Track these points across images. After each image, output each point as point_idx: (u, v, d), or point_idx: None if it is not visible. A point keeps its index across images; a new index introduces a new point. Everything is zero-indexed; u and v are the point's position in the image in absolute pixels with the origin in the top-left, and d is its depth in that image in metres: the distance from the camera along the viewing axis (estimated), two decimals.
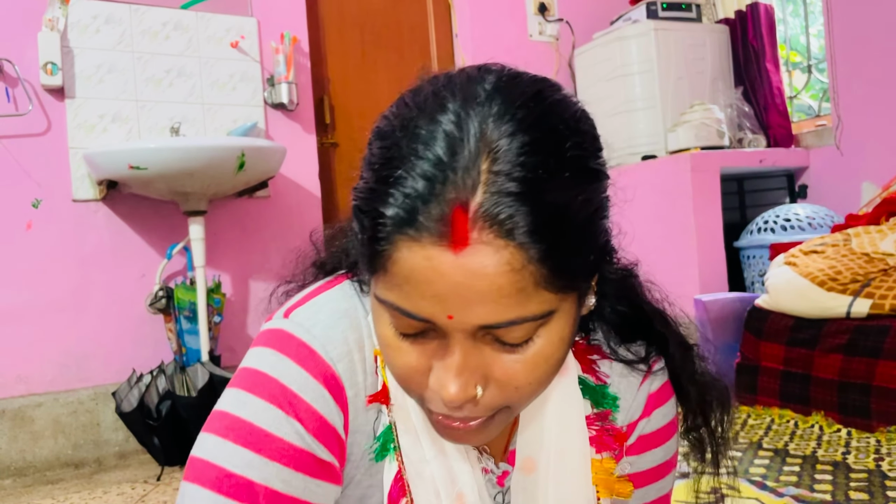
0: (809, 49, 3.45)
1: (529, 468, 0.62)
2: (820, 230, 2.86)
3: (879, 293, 2.13)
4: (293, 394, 0.55)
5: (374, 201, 0.47)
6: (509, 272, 0.45)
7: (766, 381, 2.41)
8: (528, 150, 0.45)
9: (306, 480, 0.55)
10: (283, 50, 2.77)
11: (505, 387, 0.51)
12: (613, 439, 0.65)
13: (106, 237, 2.51)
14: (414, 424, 0.60)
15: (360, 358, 0.58)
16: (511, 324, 0.47)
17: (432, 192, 0.45)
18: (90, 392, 2.43)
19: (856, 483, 1.71)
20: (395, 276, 0.47)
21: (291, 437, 0.55)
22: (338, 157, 3.14)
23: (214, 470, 0.54)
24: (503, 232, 0.44)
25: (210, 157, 2.21)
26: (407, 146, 0.47)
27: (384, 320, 0.52)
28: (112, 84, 2.53)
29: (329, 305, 0.60)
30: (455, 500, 0.60)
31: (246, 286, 2.74)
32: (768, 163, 3.12)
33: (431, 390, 0.51)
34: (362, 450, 0.60)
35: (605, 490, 0.64)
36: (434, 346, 0.50)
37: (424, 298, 0.47)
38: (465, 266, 0.45)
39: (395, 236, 0.46)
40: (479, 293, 0.46)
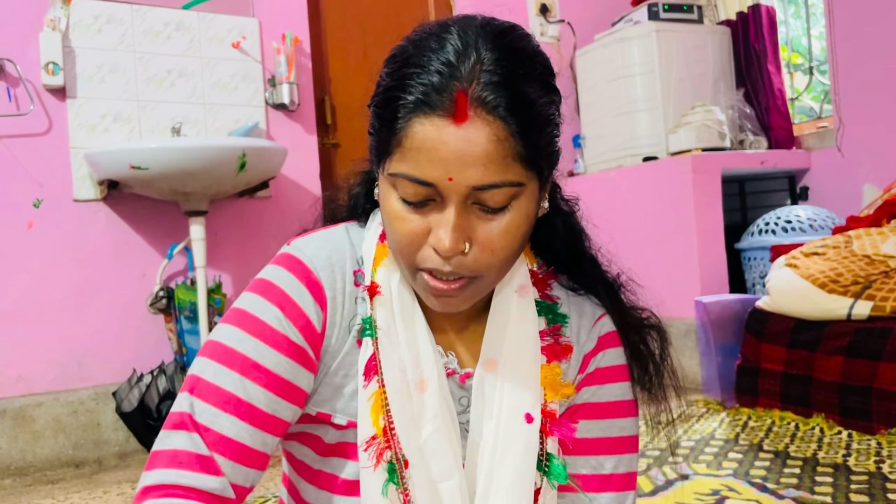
0: (811, 51, 3.45)
1: (490, 367, 0.74)
2: (821, 232, 2.86)
3: (881, 295, 2.13)
4: (279, 289, 0.71)
5: (394, 92, 0.63)
6: (495, 141, 0.61)
7: (767, 382, 2.41)
8: (508, 57, 0.63)
9: (279, 357, 0.68)
10: (285, 50, 2.77)
11: (484, 249, 0.65)
12: (562, 350, 0.77)
13: (107, 237, 2.51)
14: (394, 313, 0.73)
15: (340, 271, 0.73)
16: (494, 186, 0.62)
17: (442, 82, 0.61)
18: (91, 392, 2.43)
19: (856, 485, 1.71)
20: (409, 148, 0.62)
21: (271, 321, 0.69)
22: (339, 157, 3.14)
23: (212, 343, 0.70)
24: (490, 109, 0.61)
25: (211, 157, 2.21)
26: (421, 54, 0.63)
27: (393, 198, 0.66)
28: (113, 84, 2.53)
29: (320, 236, 0.76)
30: (418, 383, 0.72)
31: (247, 286, 2.74)
32: (769, 164, 3.12)
33: (428, 248, 0.65)
34: (339, 342, 0.72)
35: (552, 390, 0.75)
36: (432, 213, 0.64)
37: (431, 162, 0.61)
38: (465, 135, 0.60)
39: (412, 116, 0.61)
40: (474, 157, 0.61)
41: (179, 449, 0.65)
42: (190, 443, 0.65)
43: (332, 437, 0.74)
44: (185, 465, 0.65)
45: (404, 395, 0.71)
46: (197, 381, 0.68)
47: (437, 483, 0.72)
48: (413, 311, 0.74)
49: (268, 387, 0.68)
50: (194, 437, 0.65)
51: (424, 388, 0.72)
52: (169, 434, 0.67)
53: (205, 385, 0.67)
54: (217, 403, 0.66)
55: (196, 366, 0.69)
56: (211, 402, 0.66)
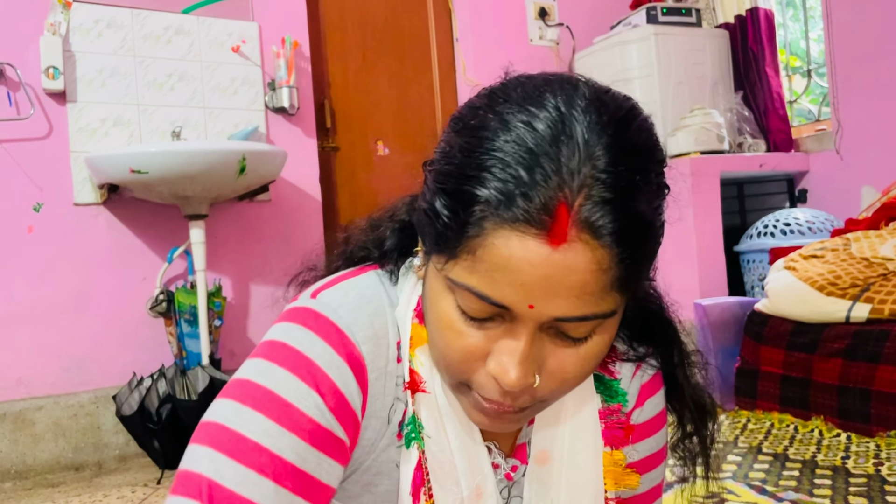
0: (809, 54, 3.46)
1: (543, 460, 0.64)
2: (820, 234, 2.87)
3: (879, 298, 2.14)
4: (317, 367, 0.55)
5: (470, 184, 0.49)
6: (596, 271, 0.48)
7: (766, 385, 2.41)
8: (624, 162, 0.48)
9: (320, 457, 0.55)
10: (285, 54, 2.78)
11: (554, 378, 0.54)
12: (623, 433, 0.67)
13: (107, 241, 2.52)
14: (440, 414, 0.60)
15: (383, 343, 0.59)
16: (584, 319, 0.50)
17: (540, 184, 0.47)
18: (91, 395, 2.43)
19: (855, 488, 1.72)
20: (483, 261, 0.49)
21: (311, 411, 0.54)
22: (339, 161, 3.14)
23: (228, 433, 0.53)
24: (597, 234, 0.47)
25: (211, 161, 2.21)
26: (511, 136, 0.48)
27: (447, 302, 0.53)
28: (114, 88, 2.54)
29: (356, 290, 0.61)
30: (474, 491, 0.61)
31: (247, 290, 2.75)
32: (768, 167, 3.12)
33: (487, 375, 0.53)
34: (376, 435, 0.60)
35: (613, 482, 0.66)
36: (498, 332, 0.52)
37: (511, 286, 0.49)
38: (560, 261, 0.47)
39: (493, 223, 0.48)
40: (566, 288, 0.48)
41: None
42: None
43: None
44: None
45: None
46: (221, 492, 0.51)
47: None
48: (459, 413, 0.61)
49: (303, 495, 0.54)
50: None
51: (480, 497, 0.62)
52: None
53: (234, 499, 0.51)
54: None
55: (211, 462, 0.52)
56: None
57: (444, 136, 0.56)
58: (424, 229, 0.55)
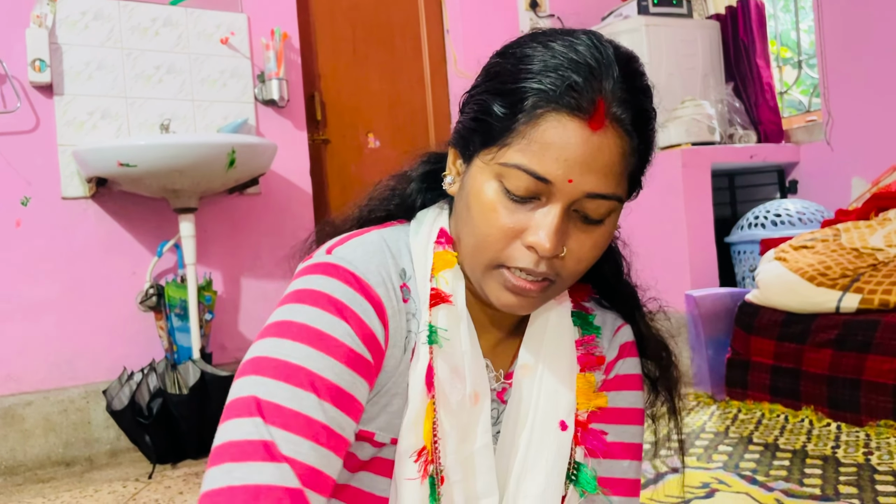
0: (800, 44, 3.46)
1: (527, 371, 0.75)
2: (810, 225, 2.88)
3: (868, 288, 2.15)
4: (343, 304, 0.64)
5: (528, 83, 0.62)
6: (621, 154, 0.63)
7: (757, 375, 2.42)
8: (636, 79, 0.65)
9: (354, 376, 0.62)
10: (274, 46, 2.76)
11: (572, 257, 0.65)
12: (596, 360, 0.78)
13: (96, 235, 2.50)
14: (459, 319, 0.70)
15: (391, 287, 0.68)
16: (605, 197, 0.63)
17: (586, 84, 0.60)
18: (81, 390, 2.42)
19: (845, 477, 1.73)
20: (535, 141, 0.61)
21: (344, 338, 0.62)
22: (329, 153, 3.13)
23: (272, 361, 0.60)
24: (623, 123, 0.62)
25: (200, 154, 2.20)
26: (557, 52, 0.62)
27: (492, 188, 0.64)
28: (101, 81, 2.52)
29: (361, 247, 0.69)
30: (472, 396, 0.70)
31: (237, 283, 2.74)
32: (759, 158, 3.13)
33: (521, 248, 0.64)
34: (395, 361, 0.68)
35: (585, 399, 0.75)
36: (533, 212, 0.63)
37: (556, 161, 0.61)
38: (597, 142, 0.61)
39: (547, 109, 0.61)
40: (599, 165, 0.61)
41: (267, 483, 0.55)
42: (279, 476, 0.55)
43: (368, 453, 0.71)
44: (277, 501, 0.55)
45: (459, 408, 0.69)
46: (266, 406, 0.58)
47: (478, 500, 0.70)
48: (471, 324, 0.71)
49: (345, 410, 0.61)
50: (283, 469, 0.56)
51: (478, 401, 0.70)
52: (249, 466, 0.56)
53: (284, 411, 0.58)
54: (299, 431, 0.58)
55: (258, 387, 0.59)
56: (292, 430, 0.57)
57: (485, 68, 0.69)
58: (471, 137, 0.67)
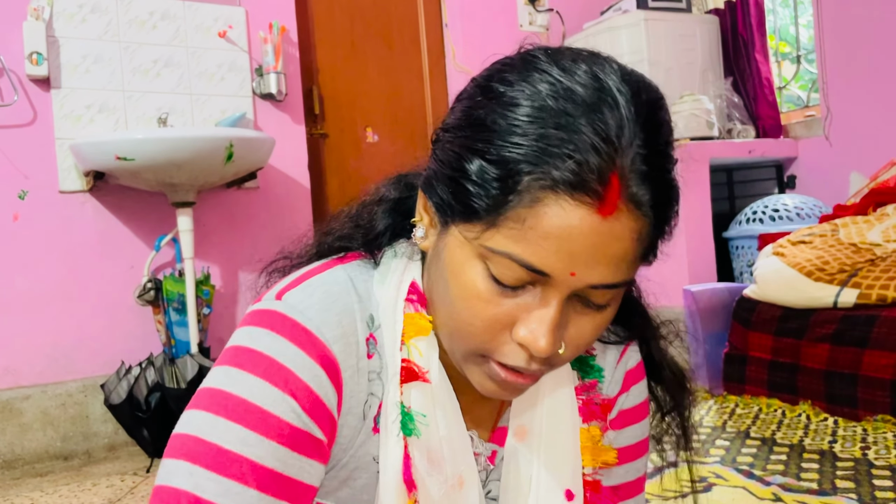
0: (799, 39, 3.46)
1: (521, 435, 0.65)
2: (808, 220, 2.88)
3: (866, 283, 2.15)
4: (289, 371, 0.54)
5: (516, 148, 0.49)
6: (636, 240, 0.51)
7: (755, 370, 2.42)
8: (659, 137, 0.51)
9: (300, 459, 0.54)
10: (272, 40, 2.75)
11: (571, 345, 0.55)
12: (600, 409, 0.68)
13: (93, 229, 2.50)
14: (434, 401, 0.60)
15: (353, 341, 0.58)
16: (615, 286, 0.52)
17: (595, 154, 0.48)
18: (79, 384, 2.42)
19: (842, 472, 1.73)
20: (533, 229, 0.49)
21: (288, 416, 0.53)
22: (327, 147, 3.12)
23: (205, 446, 0.52)
24: (640, 205, 0.50)
25: (198, 147, 2.19)
26: (554, 101, 0.50)
27: (476, 271, 0.53)
28: (98, 74, 2.51)
29: (321, 289, 0.59)
30: (457, 480, 0.61)
31: (235, 277, 2.73)
32: (757, 153, 3.13)
33: (511, 343, 0.54)
34: (352, 431, 0.60)
35: (591, 457, 0.67)
36: (528, 300, 0.53)
37: (558, 254, 0.50)
38: (608, 230, 0.49)
39: (545, 191, 0.49)
40: (609, 256, 0.50)
41: None
42: None
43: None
44: None
45: (443, 498, 0.61)
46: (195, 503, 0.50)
47: None
48: (452, 398, 0.62)
49: (288, 499, 0.54)
50: None
51: (462, 486, 0.62)
52: None
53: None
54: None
55: (190, 477, 0.51)
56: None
57: (468, 103, 0.55)
58: (448, 199, 0.54)
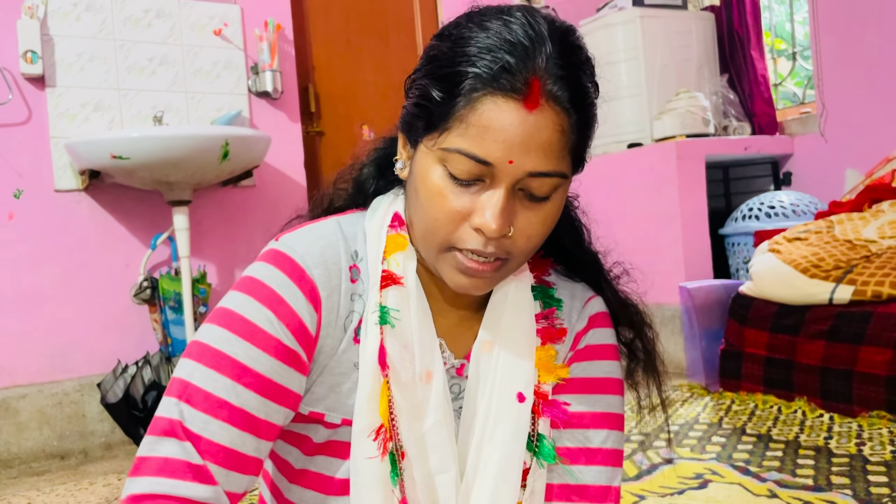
0: (794, 36, 3.46)
1: (486, 347, 0.76)
2: (804, 217, 2.88)
3: (861, 280, 2.15)
4: (271, 289, 0.68)
5: (464, 67, 0.62)
6: (559, 132, 0.63)
7: (750, 367, 2.43)
8: (573, 54, 0.65)
9: (271, 361, 0.66)
10: (267, 37, 2.75)
11: (522, 235, 0.66)
12: (556, 333, 0.78)
13: (89, 227, 2.49)
14: (409, 301, 0.72)
15: (335, 268, 0.71)
16: (547, 175, 0.64)
17: (519, 65, 0.61)
18: (75, 383, 2.41)
19: (837, 468, 1.74)
20: (473, 125, 0.62)
21: (263, 324, 0.67)
22: (323, 145, 3.12)
23: (198, 345, 0.67)
24: (558, 101, 0.62)
25: (193, 146, 2.19)
26: (490, 33, 0.63)
27: (437, 173, 0.65)
28: (93, 72, 2.50)
29: (311, 231, 0.73)
30: (424, 375, 0.72)
31: (231, 276, 2.73)
32: (753, 150, 3.13)
33: (467, 228, 0.65)
34: (334, 341, 0.71)
35: (546, 371, 0.76)
36: (479, 194, 0.64)
37: (496, 143, 0.61)
38: (534, 122, 0.61)
39: (483, 92, 0.61)
40: (537, 144, 0.62)
41: (170, 457, 0.63)
42: (181, 451, 0.63)
43: (322, 435, 0.73)
44: (177, 474, 0.62)
45: (411, 386, 0.71)
46: (185, 386, 0.65)
47: (434, 475, 0.72)
48: (424, 302, 0.73)
49: (260, 391, 0.66)
50: (185, 446, 0.63)
51: (430, 379, 0.72)
52: (158, 441, 0.64)
53: (194, 390, 0.64)
54: (208, 410, 0.64)
55: (183, 369, 0.66)
56: (202, 409, 0.64)
57: (425, 51, 0.69)
58: (414, 122, 0.68)
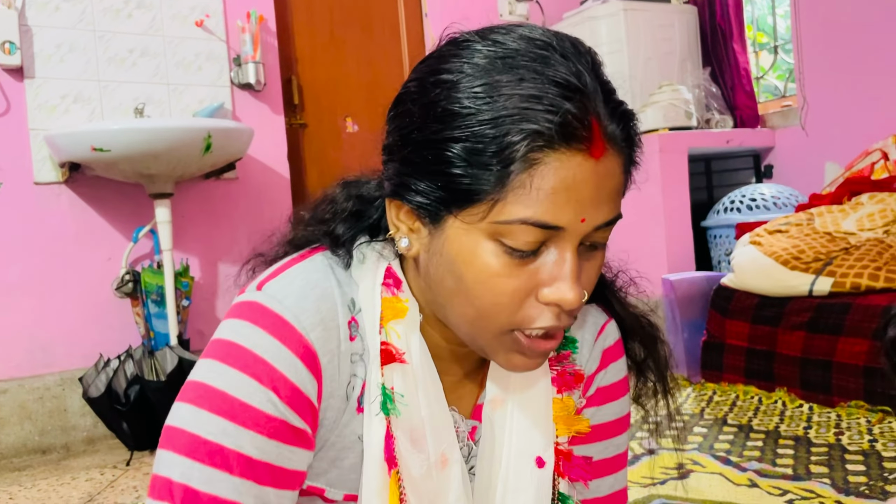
0: (776, 29, 3.48)
1: (497, 404, 0.68)
2: (785, 210, 2.91)
3: (841, 271, 2.18)
4: (267, 364, 0.57)
5: (504, 122, 0.52)
6: (621, 175, 0.57)
7: (732, 358, 2.46)
8: (607, 80, 0.57)
9: (279, 447, 0.57)
10: (250, 29, 2.72)
11: (585, 289, 0.58)
12: (573, 379, 0.70)
13: (70, 220, 2.47)
14: (416, 381, 0.63)
15: (332, 326, 0.60)
16: (613, 222, 0.57)
17: (578, 108, 0.52)
18: (56, 377, 2.39)
19: (816, 457, 1.76)
20: (539, 189, 0.52)
21: (265, 406, 0.57)
22: (306, 138, 3.10)
23: (188, 437, 0.56)
24: (618, 140, 0.55)
25: (175, 138, 2.17)
26: (528, 71, 0.53)
27: (489, 251, 0.55)
28: (73, 64, 2.47)
29: (301, 277, 0.62)
30: (440, 458, 0.63)
31: (214, 269, 2.72)
32: (735, 143, 3.15)
33: (538, 306, 0.56)
34: (336, 413, 0.62)
35: (564, 425, 0.69)
36: (542, 264, 0.56)
37: (569, 204, 0.53)
38: (603, 171, 0.54)
39: (543, 150, 0.52)
40: (608, 194, 0.55)
41: None
42: None
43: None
44: None
45: (426, 478, 0.63)
46: (187, 492, 0.55)
47: None
48: (434, 378, 0.64)
49: (269, 483, 0.57)
50: None
51: (446, 464, 0.64)
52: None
53: (198, 496, 0.55)
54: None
55: (178, 467, 0.55)
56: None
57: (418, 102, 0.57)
58: (438, 193, 0.55)
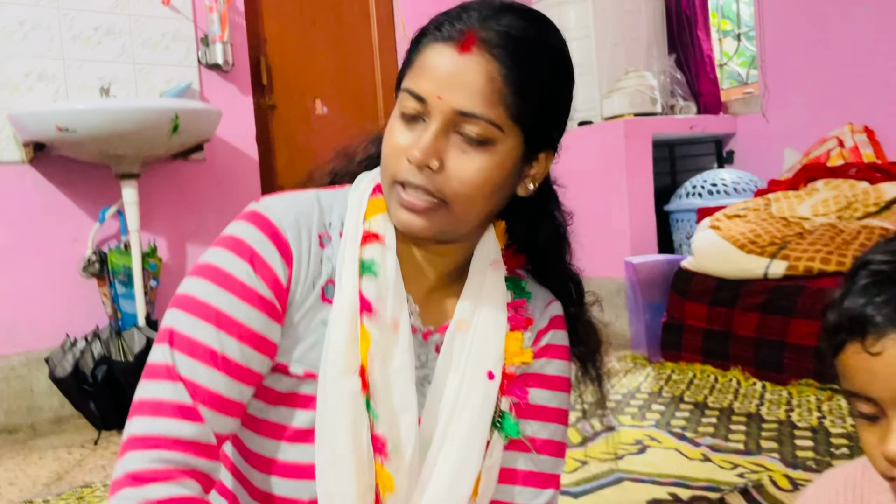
0: (739, 17, 3.55)
1: (461, 327, 0.82)
2: (744, 195, 2.99)
3: (794, 255, 2.26)
4: (247, 245, 0.74)
5: (424, 28, 0.75)
6: (487, 77, 0.70)
7: (690, 338, 2.53)
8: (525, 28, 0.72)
9: (251, 310, 0.73)
10: (218, 8, 2.71)
11: (454, 176, 0.72)
12: (525, 322, 0.85)
13: (35, 201, 2.45)
14: (386, 254, 0.78)
15: (306, 232, 0.77)
16: (474, 116, 0.70)
17: (460, 18, 0.72)
18: (22, 358, 2.39)
19: (767, 433, 1.84)
20: (417, 66, 0.73)
21: (242, 276, 0.73)
22: (275, 119, 3.10)
23: (185, 298, 0.73)
24: (491, 48, 0.70)
25: (142, 119, 2.16)
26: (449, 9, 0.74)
27: (394, 113, 0.75)
28: (36, 41, 2.44)
29: (289, 198, 0.80)
30: (392, 322, 0.77)
31: (182, 250, 2.72)
32: (698, 129, 3.22)
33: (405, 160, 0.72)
34: (302, 297, 0.77)
35: (513, 355, 0.83)
36: (415, 133, 0.72)
37: (428, 79, 0.71)
38: (462, 63, 0.70)
39: (428, 41, 0.72)
40: (464, 82, 0.70)
41: (164, 399, 0.69)
42: (174, 393, 0.69)
43: (285, 386, 0.77)
44: (170, 413, 0.68)
45: (382, 332, 0.76)
46: (174, 335, 0.71)
47: (397, 415, 0.76)
48: (396, 260, 0.79)
49: (242, 339, 0.72)
50: (178, 388, 0.69)
51: (397, 329, 0.77)
52: (152, 384, 0.70)
53: (182, 338, 0.71)
54: (195, 356, 0.70)
55: (170, 319, 0.73)
56: (189, 355, 0.70)
57: None
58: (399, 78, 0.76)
